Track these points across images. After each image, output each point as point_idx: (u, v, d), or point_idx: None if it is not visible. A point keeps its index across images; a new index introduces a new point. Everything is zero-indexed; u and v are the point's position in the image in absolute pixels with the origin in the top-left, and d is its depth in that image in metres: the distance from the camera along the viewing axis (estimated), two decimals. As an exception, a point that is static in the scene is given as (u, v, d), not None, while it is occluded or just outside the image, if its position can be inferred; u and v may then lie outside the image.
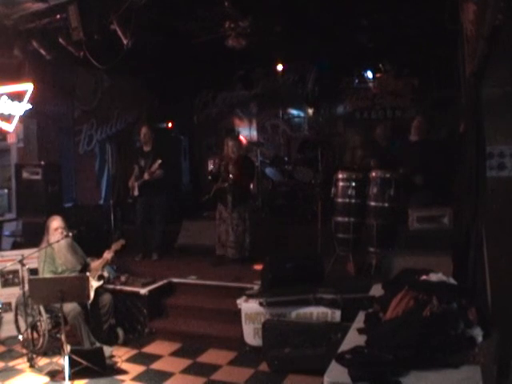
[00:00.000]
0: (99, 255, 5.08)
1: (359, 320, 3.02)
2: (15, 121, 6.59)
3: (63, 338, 4.09)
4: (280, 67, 8.98)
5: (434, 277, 3.10)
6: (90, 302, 4.61)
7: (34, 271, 4.85)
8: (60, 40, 5.65)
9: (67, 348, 4.03)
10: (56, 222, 4.90)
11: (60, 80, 7.54)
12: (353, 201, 5.27)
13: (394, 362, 2.26)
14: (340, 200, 5.35)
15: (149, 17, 5.50)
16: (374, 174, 5.17)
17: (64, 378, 3.95)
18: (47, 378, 4.22)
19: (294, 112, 9.77)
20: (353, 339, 2.70)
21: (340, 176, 5.40)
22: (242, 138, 6.69)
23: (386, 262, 4.40)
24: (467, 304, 2.61)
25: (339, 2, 5.80)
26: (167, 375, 4.28)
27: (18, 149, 7.32)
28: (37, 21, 5.63)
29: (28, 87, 6.44)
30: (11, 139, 7.25)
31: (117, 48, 5.46)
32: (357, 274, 5.19)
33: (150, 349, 4.92)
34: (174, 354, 4.78)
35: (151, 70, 8.44)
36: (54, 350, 4.60)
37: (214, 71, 9.00)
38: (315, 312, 4.36)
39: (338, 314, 4.29)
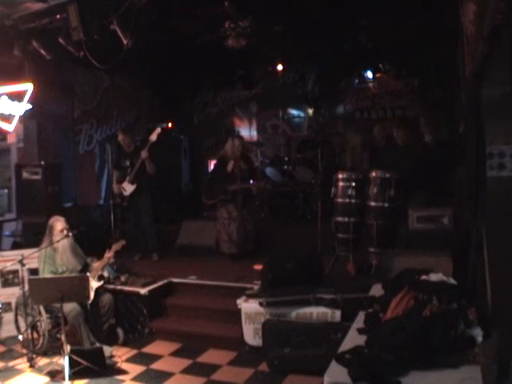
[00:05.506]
0: (99, 255, 5.08)
1: (359, 320, 3.02)
2: (15, 121, 6.59)
3: (63, 338, 4.09)
4: (280, 67, 8.98)
5: (434, 277, 3.10)
6: (90, 302, 4.61)
7: (34, 271, 4.85)
8: (60, 40, 5.65)
9: (67, 348, 4.03)
10: (60, 224, 4.89)
11: (60, 80, 7.53)
12: (353, 201, 5.27)
13: (394, 362, 2.26)
14: (340, 200, 5.35)
15: (149, 17, 5.50)
16: (373, 173, 5.17)
17: (64, 378, 3.95)
18: (47, 378, 4.22)
19: (294, 112, 9.76)
20: (353, 339, 2.71)
21: (340, 176, 5.40)
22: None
23: (386, 261, 4.39)
24: (467, 304, 2.61)
25: (339, 2, 5.80)
26: (167, 375, 4.28)
27: (17, 149, 7.32)
28: (37, 21, 5.63)
29: (28, 87, 6.44)
30: (11, 139, 7.25)
31: (117, 48, 5.47)
32: (357, 274, 5.18)
33: (150, 349, 4.92)
34: (174, 353, 4.79)
35: (151, 69, 8.44)
36: (54, 350, 4.61)
37: (214, 71, 9.00)
38: (315, 312, 4.36)
39: (338, 314, 4.28)
